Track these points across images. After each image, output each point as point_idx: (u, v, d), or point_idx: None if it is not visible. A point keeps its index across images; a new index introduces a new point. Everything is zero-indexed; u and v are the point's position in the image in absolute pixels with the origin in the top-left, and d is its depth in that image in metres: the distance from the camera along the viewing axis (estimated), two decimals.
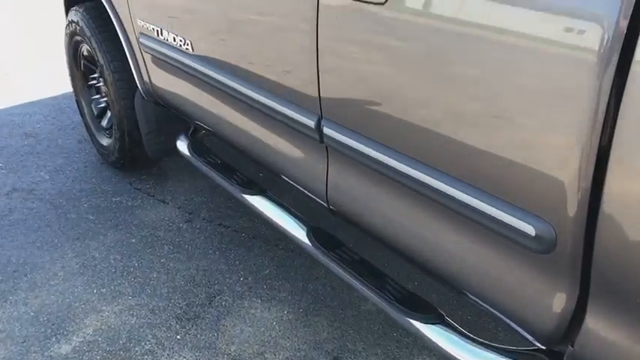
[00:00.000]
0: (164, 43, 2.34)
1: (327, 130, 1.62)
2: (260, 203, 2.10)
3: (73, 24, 2.98)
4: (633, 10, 0.92)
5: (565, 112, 1.03)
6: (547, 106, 1.06)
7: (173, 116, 2.74)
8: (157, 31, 2.35)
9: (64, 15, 3.29)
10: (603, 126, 0.99)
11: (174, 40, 2.25)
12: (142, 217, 2.83)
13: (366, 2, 1.35)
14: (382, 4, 1.32)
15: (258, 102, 1.86)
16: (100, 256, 2.56)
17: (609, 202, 1.00)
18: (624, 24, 0.93)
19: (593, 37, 0.96)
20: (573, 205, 1.06)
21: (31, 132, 3.70)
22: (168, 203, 2.95)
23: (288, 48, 1.67)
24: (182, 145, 2.56)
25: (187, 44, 2.18)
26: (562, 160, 1.06)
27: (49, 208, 2.90)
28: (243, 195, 2.14)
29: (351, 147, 1.54)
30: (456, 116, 1.24)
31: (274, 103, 1.79)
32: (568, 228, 1.09)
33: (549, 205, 1.11)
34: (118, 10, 2.62)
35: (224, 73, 2.01)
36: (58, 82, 4.47)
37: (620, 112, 0.96)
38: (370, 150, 1.49)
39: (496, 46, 1.12)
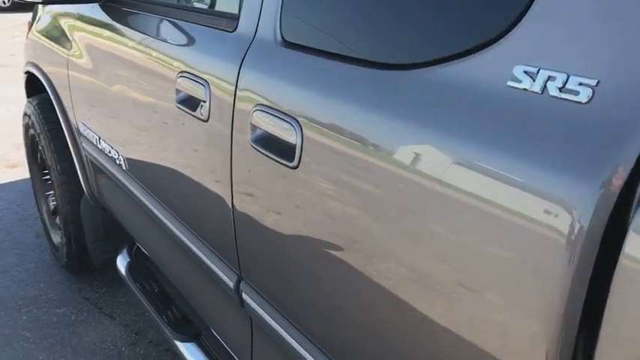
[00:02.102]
0: (102, 152, 2.08)
1: (245, 297, 1.31)
2: (189, 352, 1.78)
3: (27, 117, 2.75)
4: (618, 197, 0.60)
5: (534, 296, 0.69)
6: (516, 286, 0.72)
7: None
8: (96, 139, 2.10)
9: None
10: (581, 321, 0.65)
11: (110, 152, 1.99)
12: (83, 335, 2.51)
13: (278, 163, 1.07)
14: (295, 167, 1.03)
15: (181, 242, 1.57)
16: None
17: None
18: (604, 215, 0.61)
19: (566, 222, 0.63)
20: None
21: None
22: (115, 319, 2.63)
23: (206, 192, 1.38)
24: (121, 263, 2.27)
25: (120, 160, 1.91)
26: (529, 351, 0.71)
27: None
28: (173, 340, 1.82)
29: (271, 327, 1.23)
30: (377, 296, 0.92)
31: (194, 247, 1.49)
32: None
33: None
34: (66, 110, 2.38)
35: (152, 201, 1.73)
36: None
37: (605, 312, 0.61)
38: (291, 339, 1.17)
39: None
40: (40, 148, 2.92)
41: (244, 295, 1.32)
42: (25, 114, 2.77)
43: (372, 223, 0.89)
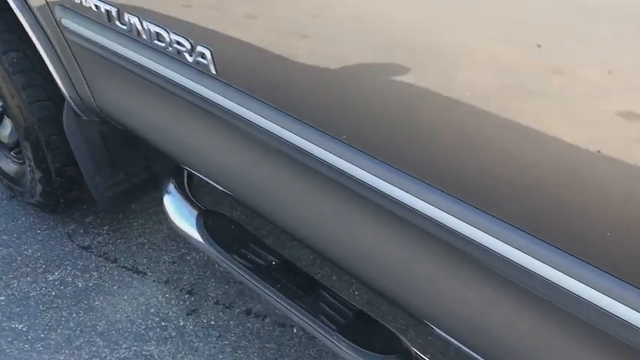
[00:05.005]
0: (128, 37, 1.10)
1: None
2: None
3: None
4: None
5: None
6: None
7: (137, 139, 1.53)
8: (109, 12, 1.10)
9: None
10: None
11: (163, 39, 1.03)
12: (109, 314, 1.66)
13: None
14: None
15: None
16: None
17: None
18: None
19: None
20: None
21: None
22: (146, 274, 1.78)
23: None
24: (180, 215, 1.37)
25: (203, 57, 0.97)
26: None
27: None
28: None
29: None
30: None
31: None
32: None
33: None
34: None
35: (288, 124, 0.88)
36: None
37: None
38: None
39: None
40: None
41: None
42: None
43: None
